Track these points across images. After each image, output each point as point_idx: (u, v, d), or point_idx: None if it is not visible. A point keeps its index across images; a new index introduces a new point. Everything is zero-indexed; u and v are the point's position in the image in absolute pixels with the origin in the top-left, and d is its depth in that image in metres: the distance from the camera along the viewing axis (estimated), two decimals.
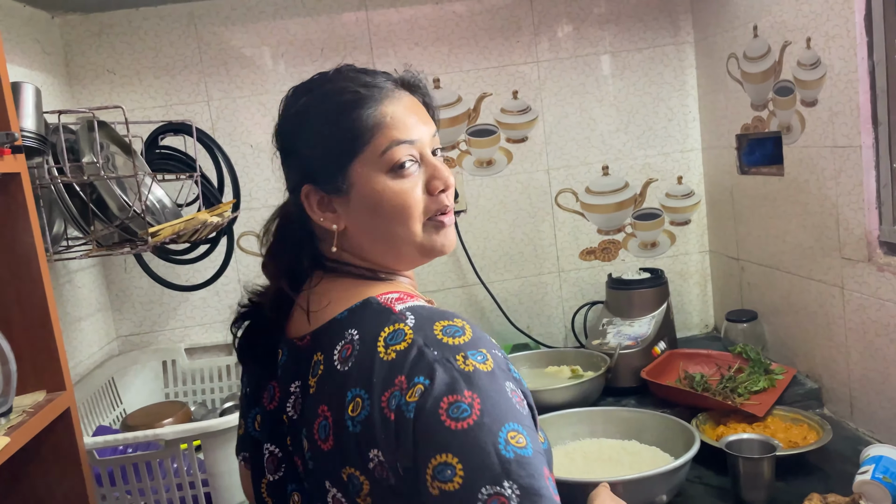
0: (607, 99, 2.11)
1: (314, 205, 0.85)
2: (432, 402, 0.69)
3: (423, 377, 0.70)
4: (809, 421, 1.53)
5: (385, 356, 0.73)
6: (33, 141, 1.23)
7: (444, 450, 0.68)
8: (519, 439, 0.69)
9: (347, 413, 0.73)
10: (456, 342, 0.73)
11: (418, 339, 0.73)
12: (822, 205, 1.58)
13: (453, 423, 0.68)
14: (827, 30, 1.48)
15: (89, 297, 1.88)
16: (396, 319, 0.77)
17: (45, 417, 1.08)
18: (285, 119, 0.88)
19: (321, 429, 0.77)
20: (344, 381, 0.75)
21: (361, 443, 0.72)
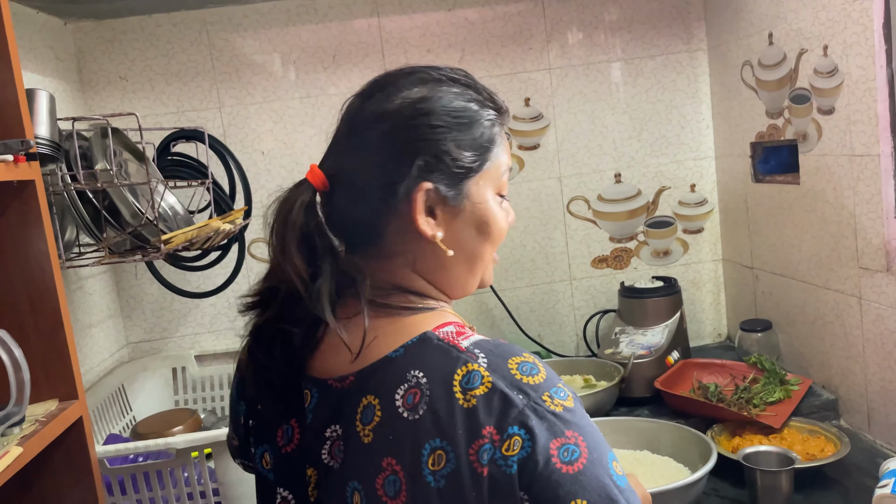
0: (620, 106, 2.10)
1: (422, 207, 0.75)
2: (542, 453, 0.64)
3: (517, 427, 0.65)
4: (826, 433, 1.51)
5: (465, 403, 0.66)
6: (47, 148, 1.23)
7: (572, 496, 0.64)
8: (618, 466, 0.68)
9: (427, 468, 0.66)
10: (536, 381, 0.68)
11: (498, 382, 0.67)
12: (839, 214, 1.57)
13: (569, 468, 0.65)
14: (845, 38, 1.47)
15: (100, 303, 1.88)
16: (467, 360, 0.69)
17: (58, 427, 1.07)
18: (404, 105, 0.76)
19: (388, 484, 0.68)
20: (417, 431, 0.67)
21: (445, 499, 0.66)
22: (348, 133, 0.78)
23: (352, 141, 0.77)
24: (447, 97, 0.77)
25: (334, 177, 0.76)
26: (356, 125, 0.77)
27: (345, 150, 0.78)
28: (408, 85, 0.78)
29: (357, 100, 0.79)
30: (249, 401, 0.86)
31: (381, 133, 0.75)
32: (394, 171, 0.74)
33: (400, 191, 0.74)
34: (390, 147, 0.75)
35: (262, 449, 0.82)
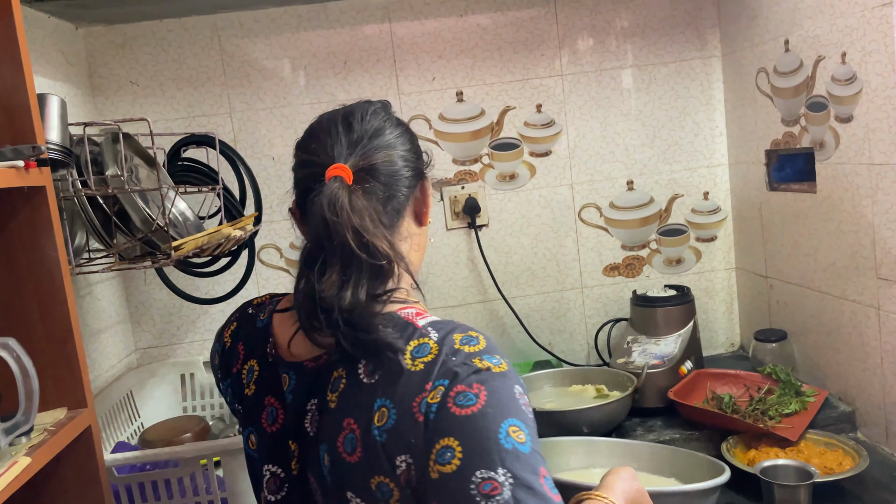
0: (632, 113, 2.08)
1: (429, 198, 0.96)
2: (444, 395, 0.74)
3: (444, 380, 0.75)
4: (844, 446, 1.49)
5: (413, 367, 0.77)
6: (58, 153, 1.22)
7: (447, 434, 0.72)
8: (519, 434, 0.72)
9: (374, 424, 0.77)
10: (474, 349, 0.78)
11: (442, 350, 0.78)
12: (857, 223, 1.54)
13: (458, 410, 0.73)
14: (864, 45, 1.45)
15: (109, 309, 1.87)
16: (421, 334, 0.80)
17: (67, 436, 1.06)
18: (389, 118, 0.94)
19: (347, 441, 0.79)
20: (371, 392, 0.78)
21: (389, 451, 0.76)
22: (373, 135, 0.90)
23: (378, 140, 0.90)
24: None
25: (362, 171, 0.87)
26: (374, 132, 0.90)
27: (371, 148, 0.89)
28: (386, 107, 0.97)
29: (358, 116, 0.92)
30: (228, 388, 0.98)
31: (402, 136, 0.92)
32: (416, 166, 0.92)
33: (414, 182, 0.92)
34: (411, 148, 0.93)
35: (249, 431, 0.93)
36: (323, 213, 0.80)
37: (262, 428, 0.91)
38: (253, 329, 0.96)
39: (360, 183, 0.86)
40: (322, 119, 0.94)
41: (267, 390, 0.91)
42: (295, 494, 0.89)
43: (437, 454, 0.72)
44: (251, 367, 0.94)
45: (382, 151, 0.89)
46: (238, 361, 0.96)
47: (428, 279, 2.08)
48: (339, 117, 0.92)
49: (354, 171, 0.86)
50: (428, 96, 2.02)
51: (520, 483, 0.69)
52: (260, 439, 0.92)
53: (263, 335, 0.94)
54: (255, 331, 0.96)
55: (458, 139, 2.05)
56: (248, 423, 0.94)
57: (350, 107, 0.94)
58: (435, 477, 0.72)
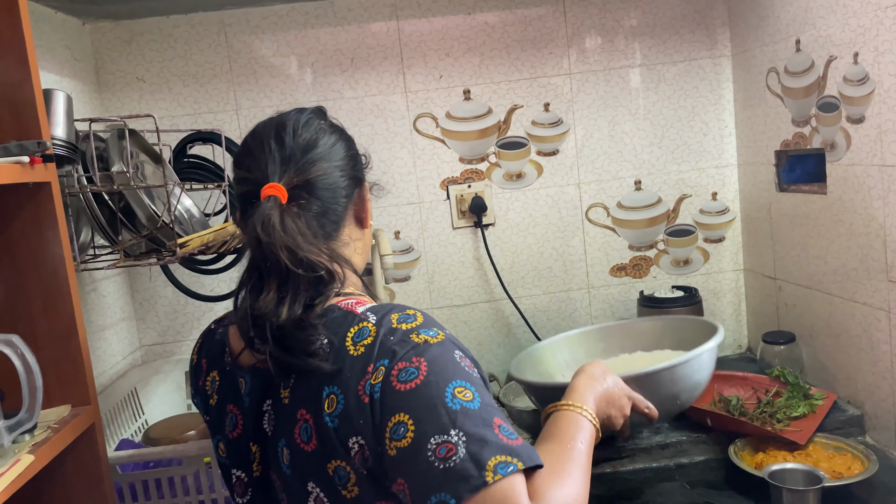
0: (640, 112, 2.07)
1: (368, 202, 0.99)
2: (387, 374, 0.77)
3: (384, 359, 0.78)
4: (853, 450, 1.47)
5: (355, 352, 0.80)
6: (64, 149, 1.21)
7: (397, 411, 0.75)
8: (466, 394, 0.75)
9: (325, 411, 0.79)
10: (410, 326, 0.81)
11: (380, 332, 0.81)
12: (868, 225, 1.53)
13: (402, 386, 0.75)
14: (876, 45, 1.43)
15: (114, 305, 1.87)
16: (360, 320, 0.83)
17: (70, 433, 1.05)
18: (335, 126, 0.97)
19: (302, 432, 0.82)
20: (319, 381, 0.81)
21: (341, 435, 0.78)
22: (305, 149, 0.90)
23: (312, 154, 0.90)
24: (333, 119, 1.00)
25: (296, 186, 0.88)
26: (307, 148, 0.91)
27: (305, 163, 0.90)
28: (316, 117, 0.96)
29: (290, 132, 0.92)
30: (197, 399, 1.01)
31: (337, 145, 0.94)
32: (353, 174, 0.95)
33: (352, 189, 0.94)
34: (346, 156, 0.94)
35: (217, 439, 0.96)
36: (256, 234, 0.82)
37: (226, 435, 0.94)
38: (213, 343, 0.99)
39: (295, 200, 0.88)
40: (256, 132, 0.94)
41: (227, 398, 0.94)
42: (259, 496, 0.91)
43: (390, 432, 0.74)
44: (213, 377, 0.97)
45: (316, 165, 0.90)
46: (202, 375, 0.99)
47: (434, 278, 2.07)
48: (272, 131, 0.92)
49: (289, 188, 0.87)
50: (435, 94, 2.01)
51: (473, 438, 0.71)
52: (227, 446, 0.95)
53: (221, 347, 0.97)
54: (215, 343, 0.99)
55: (464, 138, 2.04)
56: (215, 431, 0.97)
57: (282, 117, 0.94)
58: (393, 454, 0.74)
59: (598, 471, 1.58)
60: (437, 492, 0.70)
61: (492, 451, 0.71)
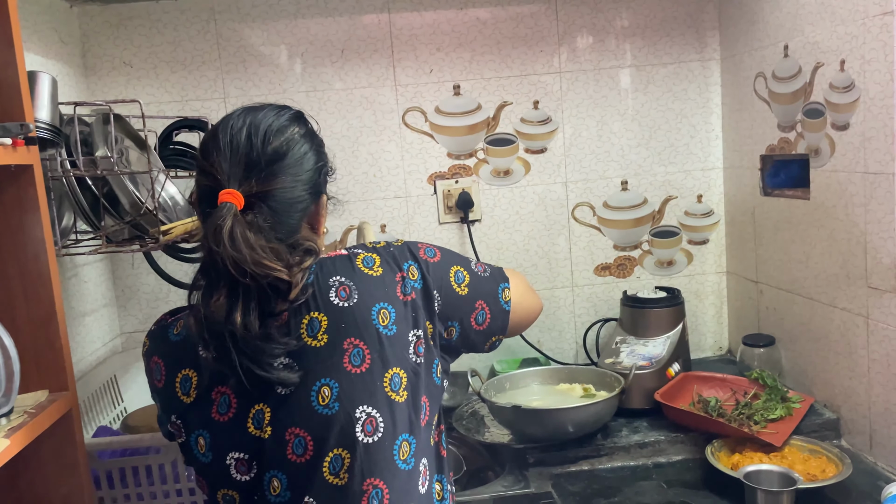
0: (629, 113, 2.07)
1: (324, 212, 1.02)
2: (423, 264, 0.99)
3: (407, 261, 0.98)
4: (828, 453, 1.49)
5: (375, 273, 0.95)
6: (47, 132, 1.20)
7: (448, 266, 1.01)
8: (477, 264, 1.06)
9: (380, 324, 0.92)
10: (383, 243, 1.00)
11: (380, 253, 0.97)
12: (849, 231, 1.54)
13: (435, 258, 1.01)
14: (863, 53, 1.44)
15: (95, 292, 1.85)
16: (355, 254, 0.96)
17: (47, 419, 1.04)
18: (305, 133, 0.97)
19: (354, 357, 0.90)
20: (361, 307, 0.92)
21: (400, 338, 0.93)
22: (272, 159, 0.90)
23: (276, 166, 0.91)
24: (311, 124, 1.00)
25: (255, 195, 0.89)
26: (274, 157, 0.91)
27: (268, 174, 0.90)
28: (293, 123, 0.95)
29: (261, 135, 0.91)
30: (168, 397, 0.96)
31: (306, 157, 0.94)
32: (312, 188, 0.95)
33: (312, 202, 0.96)
34: (313, 168, 0.95)
35: (197, 434, 0.93)
36: (206, 241, 0.84)
37: (215, 421, 0.92)
38: (170, 345, 0.96)
39: (250, 208, 0.88)
40: (227, 126, 0.92)
41: (212, 385, 0.92)
42: (267, 463, 0.90)
43: (455, 280, 1.00)
44: (186, 376, 0.94)
45: (279, 178, 0.90)
46: (163, 377, 0.96)
47: None
48: (244, 131, 0.91)
49: (246, 196, 0.88)
50: (425, 89, 2.01)
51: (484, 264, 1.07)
52: (213, 435, 0.92)
53: (185, 345, 0.93)
54: (174, 346, 0.96)
55: (453, 133, 2.04)
56: (195, 427, 0.93)
57: (258, 116, 0.93)
58: (466, 292, 1.01)
59: (576, 468, 1.59)
60: (498, 284, 1.04)
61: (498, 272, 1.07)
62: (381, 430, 0.90)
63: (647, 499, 1.47)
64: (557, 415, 1.61)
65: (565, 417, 1.60)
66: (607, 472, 1.59)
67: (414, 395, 0.93)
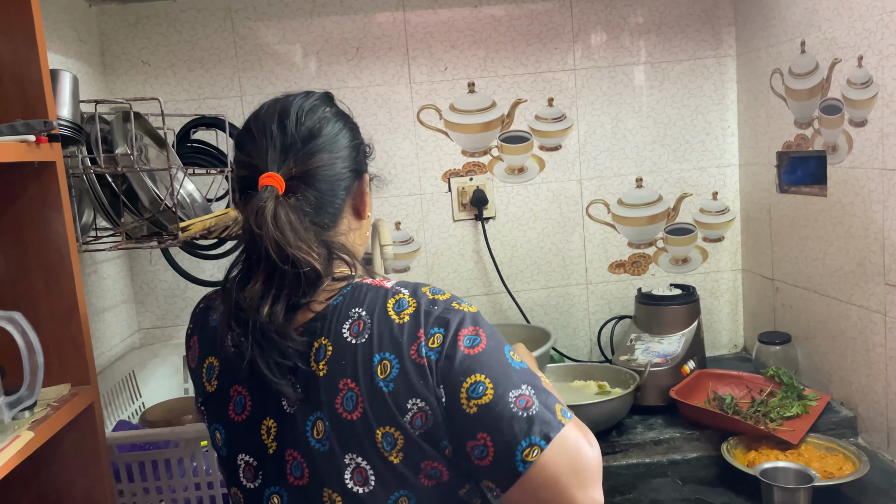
0: (644, 110, 2.07)
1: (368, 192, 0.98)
2: (451, 341, 0.83)
3: (437, 328, 0.84)
4: (845, 451, 1.48)
5: (400, 321, 0.84)
6: (69, 130, 1.21)
7: (473, 372, 0.82)
8: (515, 355, 0.86)
9: (378, 376, 0.82)
10: (444, 297, 0.87)
11: (420, 302, 0.86)
12: (867, 228, 1.53)
13: (473, 350, 0.83)
14: (881, 48, 1.44)
15: (114, 288, 1.87)
16: (394, 293, 0.87)
17: (70, 412, 1.06)
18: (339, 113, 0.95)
19: (346, 401, 0.83)
20: (366, 349, 0.84)
21: (398, 398, 0.82)
22: (307, 138, 0.90)
23: (313, 144, 0.90)
24: (341, 105, 0.99)
25: (294, 177, 0.88)
26: (309, 136, 0.90)
27: (306, 153, 0.89)
28: (323, 103, 0.95)
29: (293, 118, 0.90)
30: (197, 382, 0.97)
31: (341, 134, 0.92)
32: (352, 164, 0.93)
33: (352, 180, 0.93)
34: (350, 146, 0.93)
35: (214, 427, 0.94)
36: (249, 225, 0.83)
37: (230, 419, 0.91)
38: (207, 329, 0.97)
39: (292, 192, 0.87)
40: (259, 115, 0.93)
41: (231, 381, 0.92)
42: (271, 477, 0.89)
43: (468, 391, 0.81)
44: (210, 364, 0.95)
45: (317, 156, 0.89)
46: (195, 359, 0.97)
47: (433, 270, 2.08)
48: (275, 116, 0.91)
49: (287, 179, 0.87)
50: (439, 86, 2.02)
51: (538, 390, 0.83)
52: (228, 432, 0.92)
53: (216, 332, 0.94)
54: (209, 329, 0.96)
55: (467, 130, 2.04)
56: (213, 419, 0.94)
57: (287, 101, 0.93)
58: (474, 412, 0.81)
59: None
60: (528, 436, 0.80)
61: (553, 400, 0.83)
62: (371, 483, 0.84)
63: (662, 495, 1.47)
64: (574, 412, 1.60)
65: (579, 414, 1.59)
66: (622, 468, 1.60)
67: (412, 461, 0.84)
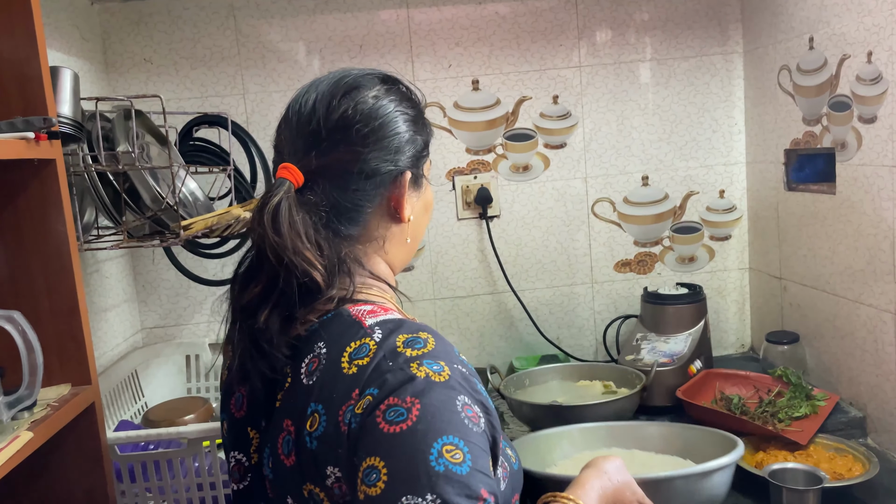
0: (650, 107, 2.05)
1: (407, 192, 0.85)
2: (372, 406, 0.68)
3: (373, 388, 0.69)
4: (854, 452, 1.46)
5: (347, 370, 0.72)
6: (70, 127, 1.21)
7: (373, 453, 0.66)
8: (455, 454, 0.65)
9: (306, 429, 0.72)
10: (416, 353, 0.71)
11: (379, 353, 0.72)
12: (876, 226, 1.52)
13: (387, 426, 0.66)
14: (891, 44, 1.42)
15: (116, 287, 1.86)
16: (364, 334, 0.74)
17: (70, 412, 1.05)
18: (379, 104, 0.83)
19: (285, 443, 0.75)
20: (307, 395, 0.74)
21: (319, 459, 0.71)
22: (337, 127, 0.80)
23: (343, 135, 0.80)
24: (402, 89, 0.88)
25: (315, 171, 0.80)
26: (339, 124, 0.81)
27: (331, 144, 0.80)
28: (370, 84, 0.84)
29: (326, 101, 0.82)
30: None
31: (367, 129, 0.81)
32: (383, 162, 0.82)
33: (388, 179, 0.83)
34: (378, 140, 0.82)
35: (223, 417, 0.91)
36: (255, 222, 0.77)
37: (231, 413, 0.88)
38: None
39: (310, 188, 0.79)
40: (301, 91, 0.84)
41: (238, 377, 0.87)
42: (256, 483, 0.85)
43: (363, 473, 0.66)
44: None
45: (344, 149, 0.80)
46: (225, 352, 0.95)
47: (437, 269, 2.06)
48: (313, 97, 0.82)
49: (305, 172, 0.79)
50: (443, 84, 2.00)
51: None
52: (229, 425, 0.89)
53: None
54: None
55: (472, 128, 2.03)
56: (222, 408, 0.92)
57: (333, 79, 0.84)
58: (361, 498, 0.66)
59: None
60: None
61: None
62: None
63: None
64: (578, 411, 1.59)
65: (586, 414, 1.59)
66: None
67: None
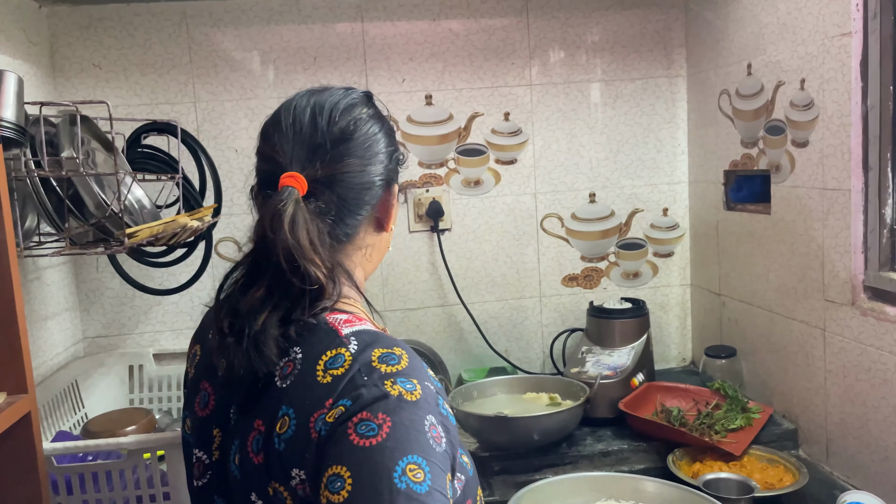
0: (598, 126, 2.11)
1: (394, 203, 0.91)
2: (346, 418, 0.70)
3: (346, 400, 0.71)
4: (786, 462, 1.52)
5: (322, 379, 0.74)
6: (12, 132, 1.18)
7: (340, 461, 0.68)
8: (417, 473, 0.68)
9: (276, 430, 0.75)
10: (389, 370, 0.74)
11: (354, 366, 0.74)
12: (807, 246, 1.59)
13: (357, 439, 0.69)
14: (822, 73, 1.49)
15: (57, 295, 1.82)
16: (340, 344, 0.77)
17: (4, 422, 1.02)
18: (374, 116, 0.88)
19: (254, 442, 0.77)
20: (279, 397, 0.76)
21: (285, 460, 0.73)
22: (338, 139, 0.84)
23: (344, 147, 0.84)
24: (379, 105, 0.92)
25: (319, 180, 0.82)
26: (341, 136, 0.84)
27: (335, 156, 0.83)
28: (361, 102, 0.89)
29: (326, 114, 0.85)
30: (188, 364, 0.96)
31: (375, 138, 0.86)
32: (383, 173, 0.87)
33: (381, 189, 0.87)
34: (384, 153, 0.87)
35: (185, 414, 0.92)
36: (262, 227, 0.78)
37: (195, 411, 0.89)
38: (205, 319, 0.97)
39: (313, 196, 0.81)
40: (291, 105, 0.87)
41: (204, 375, 0.89)
42: (216, 481, 0.86)
43: (328, 480, 0.68)
44: (195, 351, 0.94)
45: (346, 160, 0.83)
46: (191, 345, 0.97)
47: (388, 281, 2.07)
48: (308, 111, 0.85)
49: (310, 181, 0.81)
50: (397, 98, 2.02)
51: None
52: (192, 423, 0.90)
53: (209, 323, 0.92)
54: (206, 321, 0.96)
55: (425, 142, 2.05)
56: (185, 406, 0.93)
57: (323, 96, 0.87)
58: (324, 503, 0.68)
59: (540, 476, 1.60)
60: None
61: None
62: None
63: None
64: (523, 423, 1.62)
65: (531, 426, 1.61)
66: None
67: None
